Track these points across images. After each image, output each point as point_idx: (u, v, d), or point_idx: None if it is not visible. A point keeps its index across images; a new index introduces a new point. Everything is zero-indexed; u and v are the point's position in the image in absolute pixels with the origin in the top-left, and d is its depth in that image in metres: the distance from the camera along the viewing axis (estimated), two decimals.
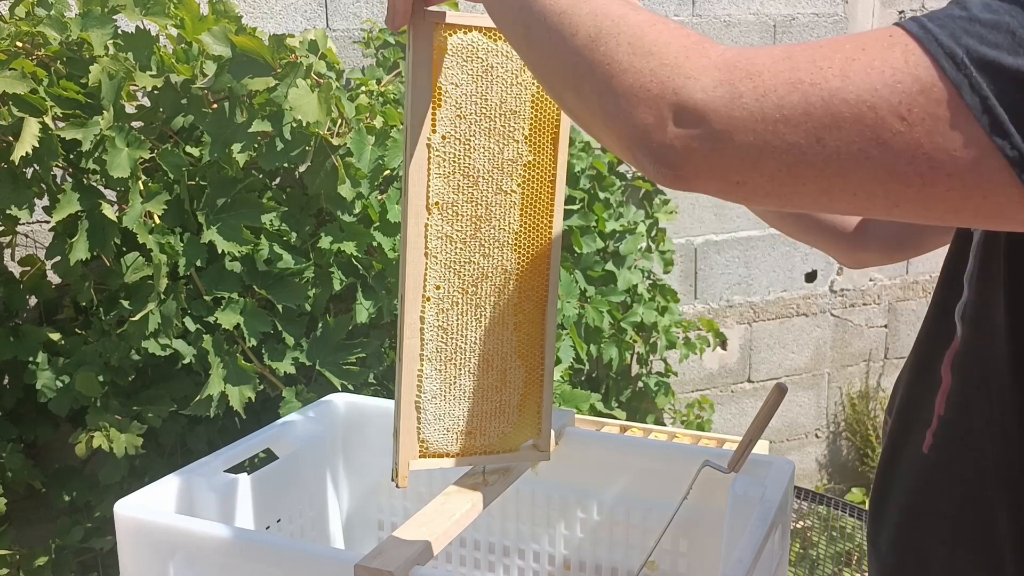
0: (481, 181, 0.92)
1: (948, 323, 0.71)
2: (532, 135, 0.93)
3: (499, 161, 0.92)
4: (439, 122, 0.89)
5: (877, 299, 3.13)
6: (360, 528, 1.33)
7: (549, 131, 0.94)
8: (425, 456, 0.95)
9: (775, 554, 0.99)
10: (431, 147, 0.89)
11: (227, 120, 1.58)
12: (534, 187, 0.94)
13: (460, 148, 0.90)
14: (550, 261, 0.97)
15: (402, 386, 0.93)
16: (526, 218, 0.95)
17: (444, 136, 0.89)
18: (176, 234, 1.60)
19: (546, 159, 0.94)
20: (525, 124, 0.92)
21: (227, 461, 1.12)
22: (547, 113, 0.93)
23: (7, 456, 1.69)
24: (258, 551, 0.90)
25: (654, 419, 2.51)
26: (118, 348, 1.62)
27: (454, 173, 0.90)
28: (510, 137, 0.92)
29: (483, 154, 0.91)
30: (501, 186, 0.93)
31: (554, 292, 0.99)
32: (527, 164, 0.93)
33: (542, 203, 0.95)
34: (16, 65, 1.45)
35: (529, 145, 0.93)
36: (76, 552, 1.79)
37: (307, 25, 2.21)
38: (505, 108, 0.91)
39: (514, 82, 0.90)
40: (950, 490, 0.70)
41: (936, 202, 0.51)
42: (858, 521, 1.87)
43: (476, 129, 0.90)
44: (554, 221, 0.96)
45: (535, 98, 0.92)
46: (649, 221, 2.53)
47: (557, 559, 1.21)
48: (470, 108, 0.89)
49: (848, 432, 3.19)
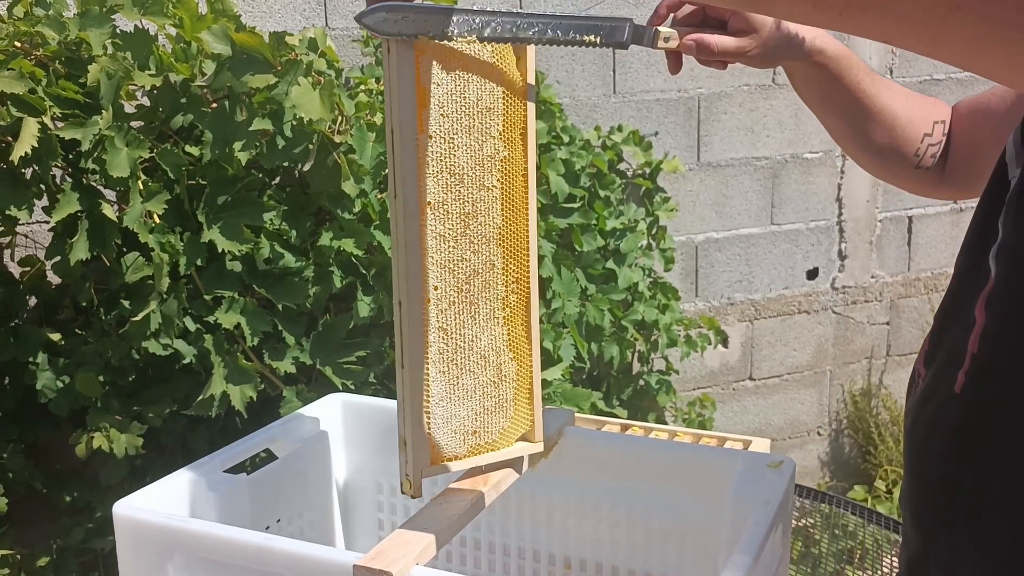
0: (466, 178, 0.92)
1: (982, 266, 0.71)
2: (505, 131, 0.94)
3: (480, 158, 0.92)
4: (425, 122, 0.88)
5: (879, 296, 3.13)
6: (360, 528, 1.33)
7: (518, 126, 0.95)
8: (437, 462, 0.95)
9: (776, 553, 0.99)
10: (420, 147, 0.88)
11: (227, 118, 1.58)
12: (510, 181, 0.95)
13: (445, 147, 0.90)
14: (529, 253, 0.98)
15: (407, 393, 0.92)
16: (507, 212, 0.96)
17: (431, 135, 0.89)
18: (176, 234, 1.60)
19: (518, 154, 0.95)
20: (498, 120, 0.93)
21: (226, 461, 1.12)
22: (515, 109, 0.94)
23: (8, 457, 1.69)
24: (257, 552, 0.90)
25: (655, 417, 2.51)
26: (118, 348, 1.62)
27: (442, 172, 0.90)
28: (487, 133, 0.93)
29: (466, 152, 0.91)
30: (484, 182, 0.93)
31: (535, 283, 0.99)
32: (503, 159, 0.94)
33: (518, 196, 0.96)
34: (15, 65, 1.45)
35: (503, 141, 0.94)
36: (77, 552, 1.79)
37: (306, 24, 2.20)
38: (481, 105, 0.91)
39: (487, 78, 0.91)
40: (985, 430, 0.69)
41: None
42: (860, 519, 1.86)
43: (458, 127, 0.90)
44: (529, 213, 0.97)
45: (505, 94, 0.93)
46: (650, 219, 2.52)
47: (557, 558, 1.20)
48: (451, 107, 0.90)
49: (850, 430, 3.18)
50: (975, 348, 0.70)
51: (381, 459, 1.29)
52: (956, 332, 0.73)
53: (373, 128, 1.69)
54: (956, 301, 0.75)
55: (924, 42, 0.55)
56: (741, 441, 1.60)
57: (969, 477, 0.71)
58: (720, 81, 2.72)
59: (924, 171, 1.11)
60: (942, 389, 0.73)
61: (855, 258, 3.06)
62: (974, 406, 0.70)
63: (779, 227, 2.92)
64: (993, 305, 0.69)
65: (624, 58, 2.60)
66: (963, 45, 0.54)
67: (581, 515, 1.17)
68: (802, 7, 0.56)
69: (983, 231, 0.72)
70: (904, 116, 1.09)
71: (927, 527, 0.77)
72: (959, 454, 0.72)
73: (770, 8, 0.60)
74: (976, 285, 0.71)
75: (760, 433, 2.99)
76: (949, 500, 0.74)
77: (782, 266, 2.96)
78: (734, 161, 2.81)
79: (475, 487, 1.00)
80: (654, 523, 1.12)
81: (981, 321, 0.70)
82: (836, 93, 1.08)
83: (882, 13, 0.54)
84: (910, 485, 0.79)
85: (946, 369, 0.73)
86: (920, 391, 0.78)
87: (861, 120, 1.09)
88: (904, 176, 1.14)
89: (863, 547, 1.85)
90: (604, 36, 0.94)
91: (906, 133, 1.10)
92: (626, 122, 2.58)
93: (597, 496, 1.16)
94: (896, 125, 1.09)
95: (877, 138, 1.10)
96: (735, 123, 2.79)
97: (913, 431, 0.78)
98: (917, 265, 3.16)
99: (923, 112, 1.11)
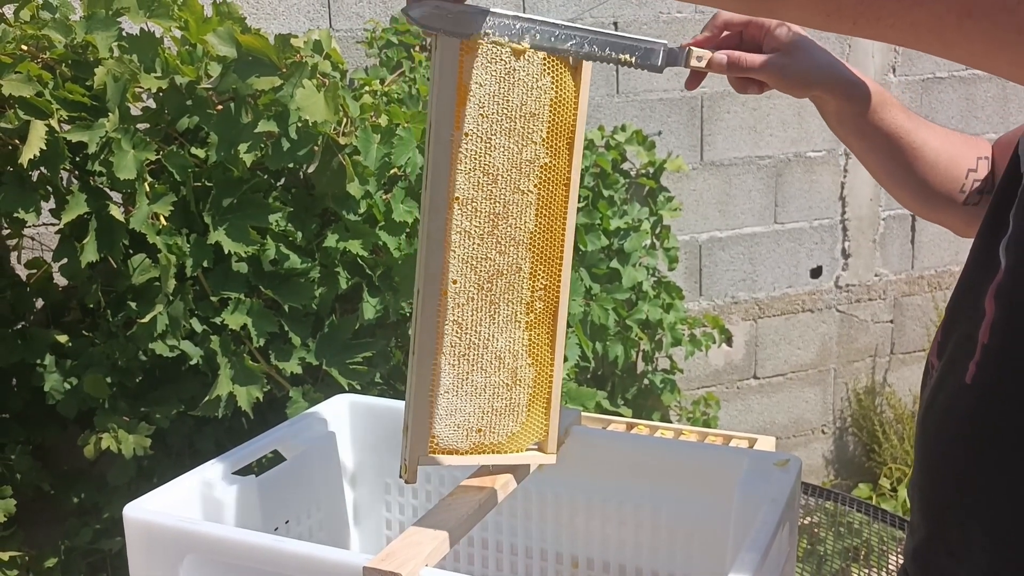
0: (500, 179, 0.92)
1: (992, 258, 0.72)
2: (549, 138, 0.94)
3: (518, 161, 0.93)
4: (463, 119, 0.89)
5: (883, 294, 3.13)
6: (369, 528, 1.33)
7: (565, 135, 0.95)
8: (435, 452, 0.96)
9: (783, 551, 0.99)
10: (454, 143, 0.89)
11: (233, 120, 1.58)
12: (550, 188, 0.95)
13: (481, 146, 0.91)
14: (562, 262, 0.98)
15: (415, 381, 0.93)
16: (541, 218, 0.96)
17: (467, 133, 0.90)
18: (183, 235, 1.60)
19: (562, 162, 0.95)
20: (543, 127, 0.93)
21: (235, 463, 1.12)
22: (564, 118, 0.95)
23: (16, 458, 1.69)
24: (268, 554, 0.90)
25: (659, 416, 2.52)
26: (126, 350, 1.62)
27: (475, 170, 0.91)
28: (529, 139, 0.93)
29: (503, 153, 0.92)
30: (519, 185, 0.93)
31: (565, 293, 0.99)
32: (544, 166, 0.94)
33: (557, 205, 0.96)
34: (22, 68, 1.46)
35: (546, 147, 0.94)
36: (85, 553, 1.80)
37: (310, 25, 2.21)
38: (525, 110, 0.92)
39: (534, 86, 0.92)
40: (997, 418, 0.70)
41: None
42: (865, 516, 1.86)
43: (497, 128, 0.91)
44: (567, 223, 0.97)
45: (553, 102, 0.93)
46: (653, 218, 2.53)
47: (565, 557, 1.21)
48: (492, 108, 0.90)
49: (855, 428, 3.18)
50: (985, 338, 0.71)
51: (389, 459, 1.29)
52: (967, 323, 0.74)
53: (378, 130, 1.70)
54: (967, 292, 0.76)
55: (937, 47, 0.56)
56: (747, 439, 1.60)
57: (979, 464, 0.72)
58: (723, 81, 2.72)
59: (971, 208, 1.08)
60: (953, 379, 0.75)
61: (859, 256, 3.06)
62: (985, 395, 0.71)
63: (783, 226, 2.93)
64: (1003, 296, 0.70)
65: None
66: (976, 49, 0.55)
67: (588, 514, 1.18)
68: (816, 15, 0.57)
69: (995, 224, 0.74)
70: (946, 153, 1.07)
71: (936, 513, 0.78)
72: (970, 442, 0.73)
73: (784, 14, 0.60)
74: (986, 276, 0.72)
75: (764, 432, 2.99)
76: (959, 487, 0.75)
77: (786, 265, 2.96)
78: (737, 160, 2.81)
79: (483, 487, 1.00)
80: (661, 522, 1.13)
81: (991, 312, 0.71)
82: (872, 130, 1.05)
83: (894, 21, 0.55)
84: (920, 473, 0.80)
85: (957, 359, 0.74)
86: (932, 382, 0.78)
87: (902, 158, 1.06)
88: (951, 214, 1.10)
89: (868, 545, 1.85)
90: (639, 57, 0.95)
91: (949, 171, 1.07)
92: (629, 122, 2.59)
93: (604, 495, 1.16)
94: (939, 162, 1.06)
95: (921, 176, 1.07)
96: (738, 122, 2.79)
97: (925, 420, 0.79)
98: (921, 263, 3.16)
99: (964, 149, 1.08)
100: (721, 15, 1.04)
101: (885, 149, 1.07)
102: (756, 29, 1.02)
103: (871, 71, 2.90)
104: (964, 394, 0.73)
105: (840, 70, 1.02)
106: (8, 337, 1.66)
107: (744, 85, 1.07)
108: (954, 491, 0.75)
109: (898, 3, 0.55)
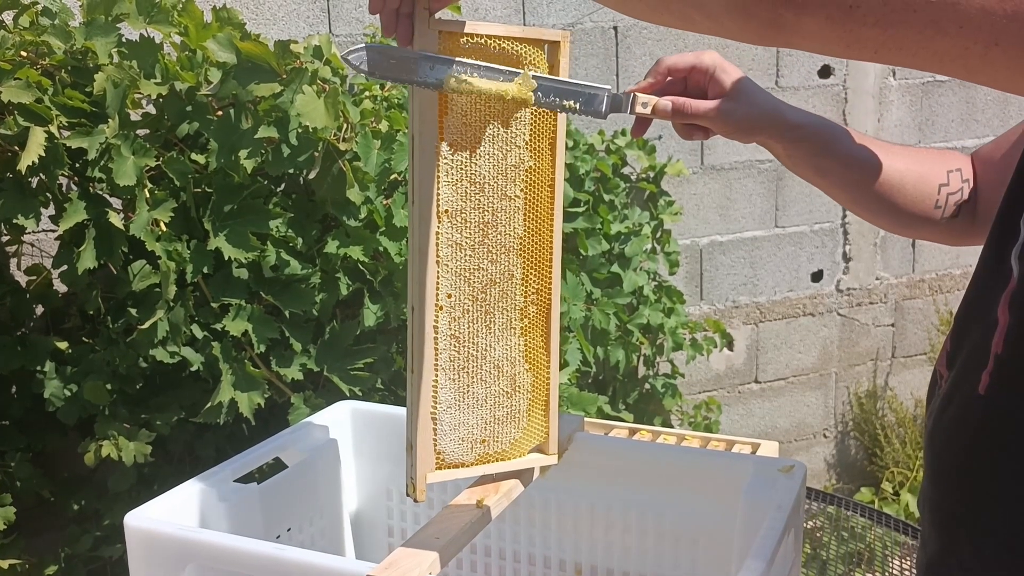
0: (487, 187, 0.92)
1: (1003, 267, 0.71)
2: (532, 140, 0.94)
3: (503, 167, 0.92)
4: (446, 130, 0.89)
5: (884, 298, 3.13)
6: (371, 535, 1.33)
7: (547, 136, 0.95)
8: (442, 468, 0.95)
9: (789, 557, 0.99)
10: (439, 154, 0.89)
11: (233, 126, 1.58)
12: (535, 192, 0.95)
13: (466, 155, 0.90)
14: (552, 264, 0.98)
15: (417, 398, 0.92)
16: (529, 223, 0.95)
17: (451, 143, 0.89)
18: (183, 241, 1.60)
19: (545, 164, 0.95)
20: (525, 130, 0.93)
21: (236, 471, 1.12)
22: (545, 119, 0.94)
23: (16, 465, 1.69)
24: (270, 562, 0.90)
25: (661, 421, 2.51)
26: (126, 356, 1.62)
27: (461, 180, 0.90)
28: (512, 143, 0.92)
29: (488, 160, 0.91)
30: (506, 192, 0.93)
31: (557, 295, 0.99)
32: (528, 169, 0.94)
33: (543, 207, 0.96)
34: (21, 74, 1.45)
35: (529, 151, 0.94)
36: (86, 560, 1.79)
37: (310, 31, 2.21)
38: (507, 114, 0.91)
39: None
40: (1012, 429, 0.69)
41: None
42: (868, 521, 1.86)
43: (481, 135, 0.90)
44: (554, 225, 0.97)
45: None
46: (654, 223, 2.52)
47: (568, 564, 1.20)
48: (474, 115, 0.90)
49: (856, 432, 3.18)
50: (999, 348, 0.70)
51: (391, 466, 1.29)
52: (978, 333, 0.73)
53: (378, 135, 1.70)
54: (977, 302, 0.75)
55: (961, 74, 0.57)
56: (750, 444, 1.60)
57: (991, 476, 0.71)
58: None
59: (953, 221, 1.07)
60: (964, 389, 0.74)
61: (859, 260, 3.05)
62: (998, 406, 0.70)
63: (783, 230, 2.92)
64: (1017, 305, 0.69)
65: (627, 62, 2.60)
66: (1000, 76, 0.55)
67: (592, 521, 1.17)
68: (836, 45, 0.57)
69: (1004, 231, 0.73)
70: (913, 172, 1.06)
71: (948, 528, 0.77)
72: (982, 453, 0.72)
73: (804, 45, 0.60)
74: (998, 285, 0.71)
75: (766, 436, 2.99)
76: (971, 500, 0.73)
77: (786, 269, 2.96)
78: (738, 164, 2.81)
79: (487, 495, 1.00)
80: (665, 528, 1.12)
81: (1004, 321, 0.70)
82: (829, 167, 1.05)
83: (917, 50, 0.55)
84: (931, 486, 0.79)
85: (969, 370, 0.73)
86: (942, 393, 0.77)
87: (866, 187, 1.06)
88: (933, 230, 1.09)
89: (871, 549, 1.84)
90: (583, 103, 0.94)
91: (919, 188, 1.06)
92: (630, 126, 2.58)
93: (608, 502, 1.16)
94: (905, 183, 1.06)
95: (890, 201, 1.06)
96: None
97: (934, 432, 0.78)
98: (921, 267, 3.16)
99: (931, 165, 1.07)
100: (664, 61, 1.03)
101: (847, 182, 1.06)
102: (700, 75, 1.02)
103: (870, 74, 2.90)
104: (976, 405, 0.72)
105: (784, 113, 1.01)
106: (8, 344, 1.65)
107: (689, 132, 1.06)
108: (966, 503, 0.74)
109: (920, 34, 0.55)
